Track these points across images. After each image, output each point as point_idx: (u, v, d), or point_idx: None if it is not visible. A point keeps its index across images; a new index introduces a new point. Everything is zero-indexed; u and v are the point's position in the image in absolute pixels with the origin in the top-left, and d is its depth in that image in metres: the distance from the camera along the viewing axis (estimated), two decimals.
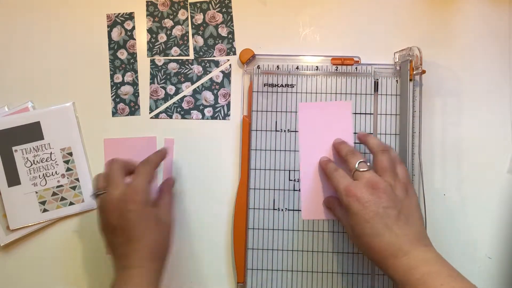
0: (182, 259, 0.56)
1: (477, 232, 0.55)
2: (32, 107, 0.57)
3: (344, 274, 0.54)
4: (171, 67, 0.58)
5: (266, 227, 0.55)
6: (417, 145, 0.53)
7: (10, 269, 0.57)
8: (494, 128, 0.56)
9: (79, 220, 0.57)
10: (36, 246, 0.57)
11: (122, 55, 0.58)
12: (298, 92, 0.56)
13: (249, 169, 0.55)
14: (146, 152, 0.57)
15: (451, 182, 0.55)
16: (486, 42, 0.57)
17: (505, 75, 0.56)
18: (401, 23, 0.57)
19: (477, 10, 0.57)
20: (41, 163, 0.56)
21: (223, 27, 0.58)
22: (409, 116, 0.53)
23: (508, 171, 0.55)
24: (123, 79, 0.58)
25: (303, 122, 0.55)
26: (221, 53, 0.58)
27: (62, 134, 0.57)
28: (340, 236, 0.54)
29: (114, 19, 0.59)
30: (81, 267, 0.57)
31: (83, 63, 0.58)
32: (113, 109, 0.58)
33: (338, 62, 0.56)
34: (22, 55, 0.58)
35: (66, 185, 0.57)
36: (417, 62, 0.53)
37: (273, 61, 0.56)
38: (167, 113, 0.58)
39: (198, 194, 0.57)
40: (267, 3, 0.58)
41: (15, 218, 0.56)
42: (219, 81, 0.58)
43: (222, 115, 0.57)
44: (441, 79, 0.56)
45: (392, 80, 0.55)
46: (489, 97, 0.56)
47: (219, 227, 0.56)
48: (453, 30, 0.57)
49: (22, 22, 0.59)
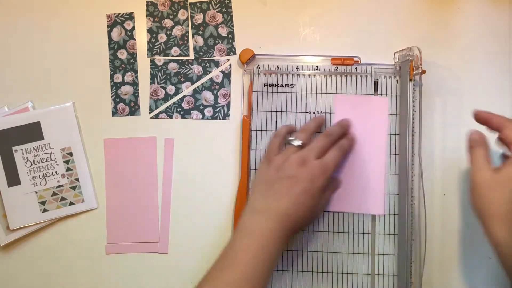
0: (182, 259, 0.56)
1: (477, 232, 0.55)
2: (32, 107, 0.57)
3: (344, 274, 0.54)
4: (171, 67, 0.58)
5: None
6: (417, 145, 0.53)
7: (10, 269, 0.57)
8: None
9: (79, 220, 0.57)
10: (36, 246, 0.57)
11: (122, 55, 0.58)
12: (298, 92, 0.56)
13: (249, 169, 0.55)
14: (146, 152, 0.57)
15: (451, 182, 0.55)
16: (486, 42, 0.57)
17: (505, 75, 0.56)
18: (401, 23, 0.57)
19: (477, 10, 0.57)
20: (41, 163, 0.56)
21: (223, 27, 0.58)
22: (409, 116, 0.53)
23: None
24: (123, 79, 0.58)
25: (339, 115, 0.55)
26: (221, 53, 0.58)
27: (62, 134, 0.57)
28: (340, 236, 0.54)
29: (114, 19, 0.59)
30: (81, 267, 0.57)
31: (83, 63, 0.58)
32: (113, 109, 0.58)
33: (338, 62, 0.56)
34: (22, 55, 0.58)
35: (66, 185, 0.57)
36: (417, 62, 0.53)
37: (273, 61, 0.56)
38: (167, 113, 0.58)
39: (198, 194, 0.57)
40: (267, 3, 0.58)
41: (15, 218, 0.56)
42: (219, 81, 0.58)
43: (222, 115, 0.57)
44: (441, 79, 0.56)
45: (392, 80, 0.55)
46: (489, 97, 0.56)
47: (219, 227, 0.56)
48: (453, 30, 0.57)
49: (22, 22, 0.59)
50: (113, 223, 0.57)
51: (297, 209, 0.46)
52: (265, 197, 0.47)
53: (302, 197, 0.47)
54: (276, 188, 0.47)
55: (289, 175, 0.47)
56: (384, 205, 0.54)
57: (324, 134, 0.51)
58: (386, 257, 0.54)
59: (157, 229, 0.56)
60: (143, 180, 0.57)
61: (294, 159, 0.48)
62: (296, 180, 0.47)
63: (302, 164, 0.48)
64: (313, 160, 0.48)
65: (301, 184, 0.47)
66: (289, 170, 0.48)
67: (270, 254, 0.45)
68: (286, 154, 0.49)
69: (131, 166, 0.57)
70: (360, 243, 0.54)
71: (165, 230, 0.57)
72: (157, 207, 0.57)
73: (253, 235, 0.45)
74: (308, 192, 0.47)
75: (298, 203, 0.46)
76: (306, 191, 0.47)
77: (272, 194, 0.47)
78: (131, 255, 0.57)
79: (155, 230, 0.57)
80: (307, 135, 0.51)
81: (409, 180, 0.52)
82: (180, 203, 0.57)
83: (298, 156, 0.48)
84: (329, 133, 0.52)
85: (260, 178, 0.50)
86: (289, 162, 0.48)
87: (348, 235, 0.54)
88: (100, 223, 0.57)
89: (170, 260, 0.56)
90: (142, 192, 0.57)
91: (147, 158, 0.57)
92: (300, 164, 0.48)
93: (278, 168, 0.48)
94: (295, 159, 0.48)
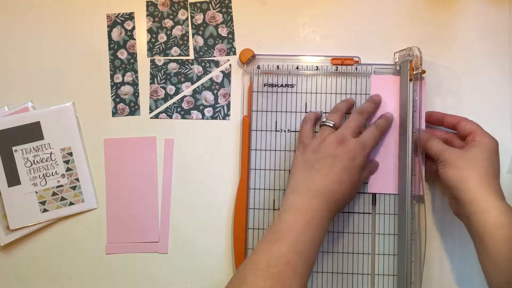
0: (182, 259, 0.56)
1: None
2: (32, 107, 0.57)
3: (344, 274, 0.54)
4: (171, 67, 0.58)
5: (266, 227, 0.55)
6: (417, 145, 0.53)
7: (10, 269, 0.57)
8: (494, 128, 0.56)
9: (79, 220, 0.57)
10: (36, 246, 0.57)
11: (122, 55, 0.58)
12: (298, 92, 0.56)
13: (249, 169, 0.55)
14: (146, 152, 0.57)
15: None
16: (486, 42, 0.57)
17: (505, 75, 0.56)
18: (401, 23, 0.57)
19: (477, 10, 0.57)
20: (41, 163, 0.56)
21: (223, 27, 0.58)
22: (409, 116, 0.53)
23: (508, 171, 0.55)
24: (123, 79, 0.58)
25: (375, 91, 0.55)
26: (221, 53, 0.58)
27: (62, 134, 0.57)
28: (340, 236, 0.54)
29: (114, 19, 0.59)
30: (81, 267, 0.57)
31: (83, 63, 0.58)
32: (113, 109, 0.58)
33: (338, 62, 0.56)
34: (22, 55, 0.58)
35: (66, 185, 0.57)
36: (417, 62, 0.53)
37: (273, 61, 0.56)
38: (167, 113, 0.58)
39: (198, 194, 0.57)
40: (267, 3, 0.58)
41: (15, 218, 0.56)
42: (219, 81, 0.58)
43: (222, 115, 0.57)
44: (441, 79, 0.56)
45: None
46: (489, 97, 0.56)
47: (219, 227, 0.56)
48: (453, 30, 0.57)
49: (22, 22, 0.59)
50: (113, 223, 0.57)
51: (339, 186, 0.47)
52: (307, 178, 0.48)
53: (344, 175, 0.47)
54: (317, 168, 0.48)
55: (329, 154, 0.48)
56: None
57: (358, 111, 0.52)
58: (386, 257, 0.54)
59: (157, 229, 0.56)
60: (143, 180, 0.57)
61: (331, 138, 0.49)
62: (337, 158, 0.47)
63: (341, 142, 0.48)
64: (351, 138, 0.49)
65: (341, 162, 0.47)
66: (328, 150, 0.48)
67: (317, 230, 0.45)
68: (322, 135, 0.50)
69: (131, 166, 0.57)
70: (360, 243, 0.54)
71: (165, 230, 0.57)
72: (157, 207, 0.57)
73: (300, 211, 0.46)
74: (349, 169, 0.47)
75: (340, 181, 0.47)
76: (347, 168, 0.47)
77: (314, 173, 0.47)
78: (131, 255, 0.57)
79: (155, 230, 0.57)
80: (340, 115, 0.52)
81: (409, 180, 0.52)
82: (180, 203, 0.57)
83: (335, 136, 0.49)
84: (363, 110, 0.52)
85: (298, 162, 0.50)
86: (327, 142, 0.48)
87: (348, 235, 0.54)
88: (100, 223, 0.57)
89: (170, 260, 0.56)
90: (142, 192, 0.57)
91: (147, 158, 0.57)
92: (338, 143, 0.48)
93: (316, 150, 0.49)
94: (332, 138, 0.48)
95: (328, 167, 0.47)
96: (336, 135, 0.49)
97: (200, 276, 0.56)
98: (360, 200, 0.55)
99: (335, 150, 0.48)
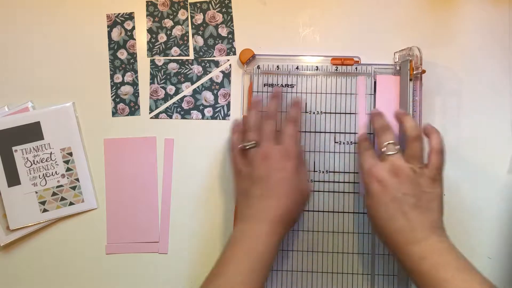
0: (182, 259, 0.56)
1: (476, 232, 0.55)
2: (32, 107, 0.57)
3: (344, 274, 0.54)
4: (171, 67, 0.58)
5: None
6: None
7: (10, 269, 0.57)
8: (494, 128, 0.56)
9: (79, 220, 0.57)
10: (36, 246, 0.57)
11: (122, 55, 0.58)
12: (298, 92, 0.56)
13: None
14: (146, 152, 0.57)
15: (451, 182, 0.55)
16: (486, 42, 0.57)
17: (505, 75, 0.56)
18: (401, 23, 0.57)
19: (477, 10, 0.57)
20: (41, 163, 0.56)
21: (223, 27, 0.58)
22: None
23: (508, 171, 0.55)
24: (123, 79, 0.58)
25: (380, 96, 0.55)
26: (221, 53, 0.58)
27: (62, 134, 0.57)
28: (340, 236, 0.54)
29: (114, 19, 0.59)
30: (81, 267, 0.57)
31: (83, 63, 0.58)
32: (113, 109, 0.58)
33: (338, 62, 0.56)
34: (22, 55, 0.58)
35: (66, 185, 0.57)
36: (417, 62, 0.53)
37: (273, 61, 0.56)
38: (167, 113, 0.58)
39: (198, 194, 0.57)
40: (267, 3, 0.58)
41: (15, 218, 0.56)
42: (219, 81, 0.58)
43: (222, 115, 0.57)
44: (441, 79, 0.56)
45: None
46: (489, 97, 0.56)
47: (219, 227, 0.56)
48: (453, 30, 0.57)
49: (22, 22, 0.59)
50: (113, 223, 0.57)
51: (281, 201, 0.47)
52: (246, 204, 0.48)
53: (280, 188, 0.47)
54: (253, 193, 0.47)
55: (260, 175, 0.48)
56: None
57: (265, 117, 0.52)
58: (386, 257, 0.54)
59: (157, 229, 0.57)
60: (143, 180, 0.57)
61: (257, 158, 0.48)
62: (267, 176, 0.47)
63: (265, 158, 0.48)
64: (273, 149, 0.48)
65: (273, 178, 0.47)
66: (257, 171, 0.48)
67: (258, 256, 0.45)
68: (249, 158, 0.50)
69: (131, 166, 0.57)
70: (360, 243, 0.54)
71: (165, 230, 0.57)
72: (157, 207, 0.57)
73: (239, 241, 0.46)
74: (284, 179, 0.47)
75: (279, 196, 0.47)
76: (281, 179, 0.47)
77: (252, 200, 0.47)
78: (131, 255, 0.57)
79: (155, 230, 0.57)
80: (255, 130, 0.51)
81: None
82: (180, 203, 0.57)
83: (259, 154, 0.49)
84: (269, 115, 0.52)
85: (238, 192, 0.51)
86: (254, 164, 0.48)
87: (348, 235, 0.54)
88: (100, 223, 0.57)
89: (170, 260, 0.56)
90: (142, 192, 0.57)
91: (147, 158, 0.57)
92: (263, 160, 0.48)
93: (248, 174, 0.49)
94: (258, 158, 0.48)
95: (264, 187, 0.47)
96: (259, 153, 0.49)
97: (200, 276, 0.56)
98: (359, 200, 0.55)
99: (264, 169, 0.48)
